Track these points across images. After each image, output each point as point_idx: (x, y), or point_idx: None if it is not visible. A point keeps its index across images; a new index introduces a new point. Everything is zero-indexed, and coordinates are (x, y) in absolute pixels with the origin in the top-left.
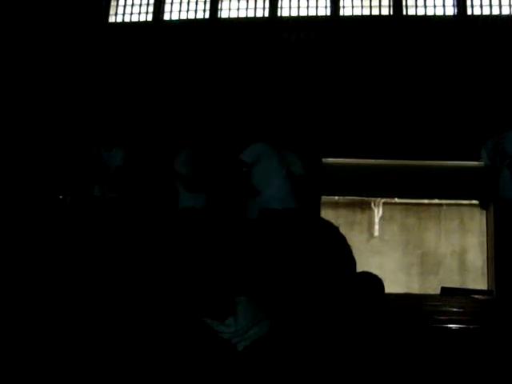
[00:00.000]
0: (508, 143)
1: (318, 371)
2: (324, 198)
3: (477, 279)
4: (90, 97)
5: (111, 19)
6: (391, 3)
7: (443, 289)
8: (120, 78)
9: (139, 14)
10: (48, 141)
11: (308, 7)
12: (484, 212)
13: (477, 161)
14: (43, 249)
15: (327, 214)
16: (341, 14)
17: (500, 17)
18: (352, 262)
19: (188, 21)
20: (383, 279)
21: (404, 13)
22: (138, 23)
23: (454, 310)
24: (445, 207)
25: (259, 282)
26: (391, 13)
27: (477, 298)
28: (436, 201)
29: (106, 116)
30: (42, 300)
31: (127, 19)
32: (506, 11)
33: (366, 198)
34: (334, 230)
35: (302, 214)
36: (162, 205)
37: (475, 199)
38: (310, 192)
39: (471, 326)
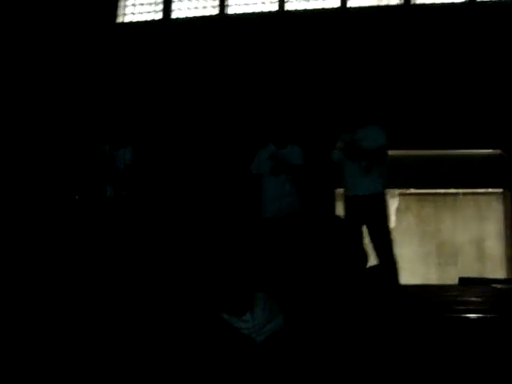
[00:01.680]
0: (362, 139)
1: (331, 362)
2: (338, 191)
3: (496, 268)
4: (99, 96)
5: (119, 19)
6: None
7: (461, 279)
8: (129, 78)
9: (148, 13)
10: (60, 141)
11: None
12: (501, 200)
13: (492, 148)
14: (58, 247)
15: (341, 206)
16: (348, 5)
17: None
18: (363, 256)
19: (196, 18)
20: (401, 270)
21: (412, 2)
22: (147, 22)
23: (473, 299)
24: (461, 196)
25: (275, 278)
26: (400, 1)
27: (495, 288)
28: (452, 190)
29: (114, 115)
30: (55, 294)
31: (135, 19)
32: None
33: None
34: (344, 225)
35: (313, 214)
36: (170, 201)
37: (492, 187)
38: (324, 185)
39: (490, 316)
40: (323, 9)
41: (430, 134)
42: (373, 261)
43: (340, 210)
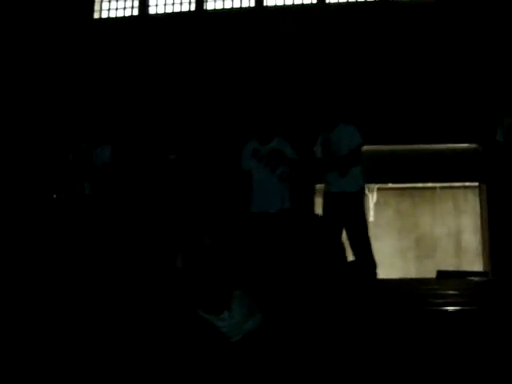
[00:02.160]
0: (337, 141)
1: (311, 360)
2: (318, 186)
3: (473, 260)
4: (77, 94)
5: (96, 15)
6: None
7: (439, 272)
8: (107, 75)
9: (124, 9)
10: (38, 140)
11: None
12: (477, 193)
13: (469, 143)
14: (37, 245)
15: (318, 202)
16: (327, 1)
17: None
18: (341, 252)
19: (174, 14)
20: (379, 264)
21: None
22: (124, 18)
23: (450, 292)
24: (438, 190)
25: (253, 277)
26: None
27: (472, 280)
28: (430, 184)
29: (92, 113)
30: (34, 294)
31: (112, 15)
32: None
33: None
34: (323, 224)
35: (291, 213)
36: (148, 200)
37: (468, 181)
38: (304, 180)
39: (467, 308)
40: (302, 4)
41: (407, 129)
42: (350, 257)
43: (320, 205)
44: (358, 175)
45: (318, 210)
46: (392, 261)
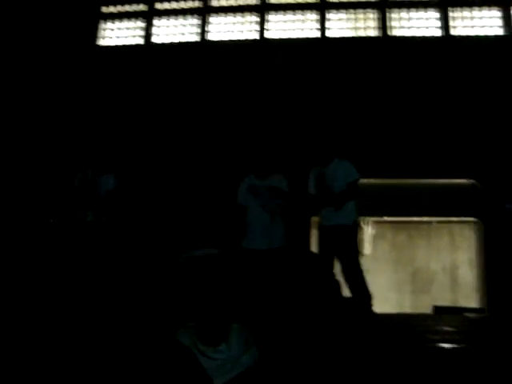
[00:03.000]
0: (332, 176)
1: None
2: (314, 219)
3: (469, 295)
4: (81, 119)
5: (100, 42)
6: (377, 24)
7: (436, 308)
8: (111, 102)
9: (126, 37)
10: (39, 163)
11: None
12: (473, 228)
13: (465, 178)
14: (30, 269)
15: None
16: (327, 35)
17: (481, 38)
18: (336, 288)
19: (177, 44)
20: (375, 297)
21: (389, 33)
22: (128, 46)
23: (447, 329)
24: (434, 224)
25: (252, 310)
26: (377, 34)
27: (468, 317)
28: (426, 218)
29: (96, 140)
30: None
31: (116, 43)
32: (487, 32)
33: None
34: (318, 260)
35: (284, 251)
36: (150, 228)
37: (465, 216)
38: (300, 213)
39: (463, 346)
40: (303, 38)
41: (404, 164)
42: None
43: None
44: (352, 209)
45: (315, 241)
46: (387, 294)
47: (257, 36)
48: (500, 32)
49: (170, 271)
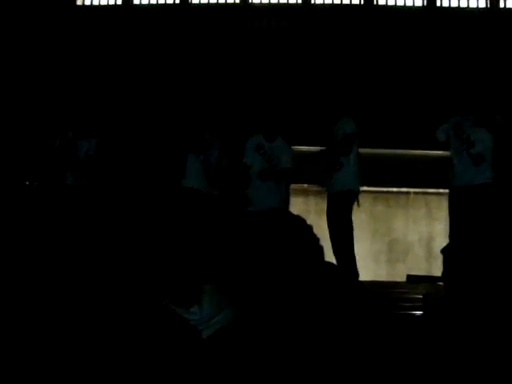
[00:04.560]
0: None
1: (283, 358)
2: (293, 186)
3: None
4: (60, 83)
5: (79, 2)
6: None
7: (409, 276)
8: (90, 64)
9: None
10: (17, 126)
11: None
12: None
13: (444, 150)
14: (7, 235)
15: (296, 201)
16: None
17: (470, 9)
18: (319, 251)
19: (158, 5)
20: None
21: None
22: (107, 6)
23: (419, 297)
24: (412, 195)
25: (225, 271)
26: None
27: (441, 286)
28: (404, 189)
29: (78, 102)
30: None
31: (96, 2)
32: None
33: None
34: (300, 222)
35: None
36: (131, 191)
37: (443, 188)
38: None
39: (434, 313)
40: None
41: (384, 134)
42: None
43: (296, 205)
44: (350, 175)
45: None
46: (364, 263)
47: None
48: (482, 4)
49: (149, 234)
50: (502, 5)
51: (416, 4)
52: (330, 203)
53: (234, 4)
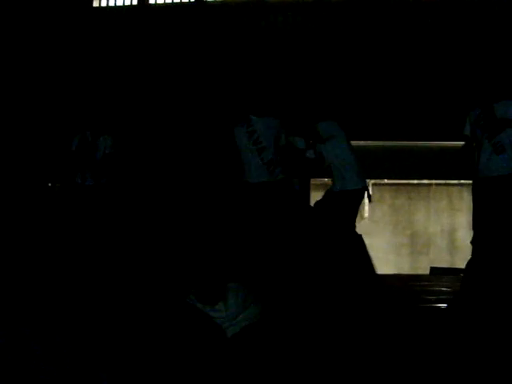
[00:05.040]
0: (498, 111)
1: (309, 355)
2: (314, 181)
3: (466, 258)
4: (77, 83)
5: (95, 3)
6: None
7: (432, 269)
8: (106, 64)
9: None
10: (36, 127)
11: None
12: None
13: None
14: (31, 236)
15: (317, 196)
16: None
17: None
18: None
19: (174, 4)
20: (374, 259)
21: None
22: (123, 7)
23: (443, 289)
24: (434, 187)
25: (251, 269)
26: None
27: None
28: (425, 181)
29: (93, 103)
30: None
31: (112, 3)
32: None
33: None
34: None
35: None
36: (148, 191)
37: (464, 179)
38: (300, 174)
39: (457, 305)
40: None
41: (404, 126)
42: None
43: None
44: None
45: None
46: (386, 257)
47: None
48: None
49: (172, 233)
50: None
51: None
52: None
53: (250, 0)
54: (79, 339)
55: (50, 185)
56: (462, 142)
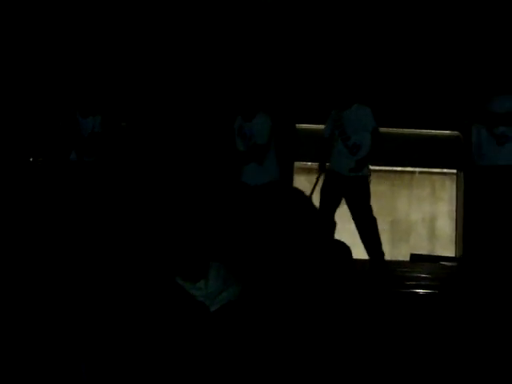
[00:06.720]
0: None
1: (286, 335)
2: (297, 164)
3: (446, 246)
4: (64, 61)
5: None
6: None
7: (412, 255)
8: (97, 40)
9: None
10: (20, 103)
11: None
12: (454, 180)
13: (451, 130)
14: (11, 211)
15: (300, 180)
16: None
17: None
18: (330, 227)
19: None
20: (355, 245)
21: None
22: None
23: (423, 275)
24: (417, 175)
25: (232, 248)
26: None
27: (444, 265)
28: (409, 168)
29: (82, 81)
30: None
31: None
32: None
33: None
34: (304, 199)
35: (275, 187)
36: (136, 170)
37: (448, 168)
38: (283, 158)
39: (438, 292)
40: None
41: (390, 113)
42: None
43: (299, 183)
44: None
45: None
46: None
47: None
48: None
49: (155, 210)
50: None
51: None
52: (346, 185)
53: None
54: (59, 323)
55: (31, 159)
56: (447, 131)
